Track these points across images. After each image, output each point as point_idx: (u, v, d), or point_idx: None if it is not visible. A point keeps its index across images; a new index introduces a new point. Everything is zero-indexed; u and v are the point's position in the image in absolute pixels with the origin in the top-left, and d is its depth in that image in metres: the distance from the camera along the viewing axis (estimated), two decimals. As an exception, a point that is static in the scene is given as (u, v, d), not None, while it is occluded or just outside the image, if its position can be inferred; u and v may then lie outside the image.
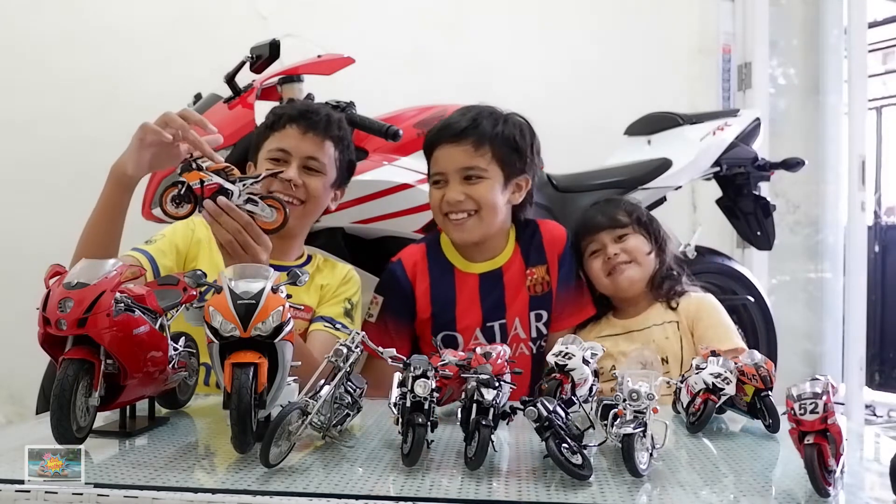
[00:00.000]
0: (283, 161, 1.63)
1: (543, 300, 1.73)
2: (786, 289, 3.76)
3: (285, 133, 1.64)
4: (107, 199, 1.41)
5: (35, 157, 2.69)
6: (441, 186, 1.67)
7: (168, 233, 1.64)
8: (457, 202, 1.64)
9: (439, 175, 1.67)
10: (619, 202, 1.91)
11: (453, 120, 1.67)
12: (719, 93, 3.58)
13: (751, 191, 2.54)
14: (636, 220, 1.83)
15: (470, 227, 1.67)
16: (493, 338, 1.70)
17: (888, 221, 4.81)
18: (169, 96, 2.45)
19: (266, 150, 1.65)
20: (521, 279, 1.73)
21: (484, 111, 1.68)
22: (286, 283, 1.04)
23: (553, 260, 1.76)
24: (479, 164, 1.64)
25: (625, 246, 1.79)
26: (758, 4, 3.55)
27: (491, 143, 1.64)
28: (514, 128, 1.68)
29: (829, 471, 0.86)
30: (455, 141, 1.64)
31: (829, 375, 0.91)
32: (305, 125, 1.64)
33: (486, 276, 1.73)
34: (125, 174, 1.38)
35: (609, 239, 1.80)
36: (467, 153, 1.63)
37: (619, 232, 1.81)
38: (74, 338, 0.95)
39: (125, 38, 2.75)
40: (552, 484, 0.91)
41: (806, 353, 3.77)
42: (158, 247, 1.59)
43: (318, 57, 2.03)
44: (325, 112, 1.68)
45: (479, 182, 1.64)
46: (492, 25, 3.21)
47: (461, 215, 1.65)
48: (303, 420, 0.95)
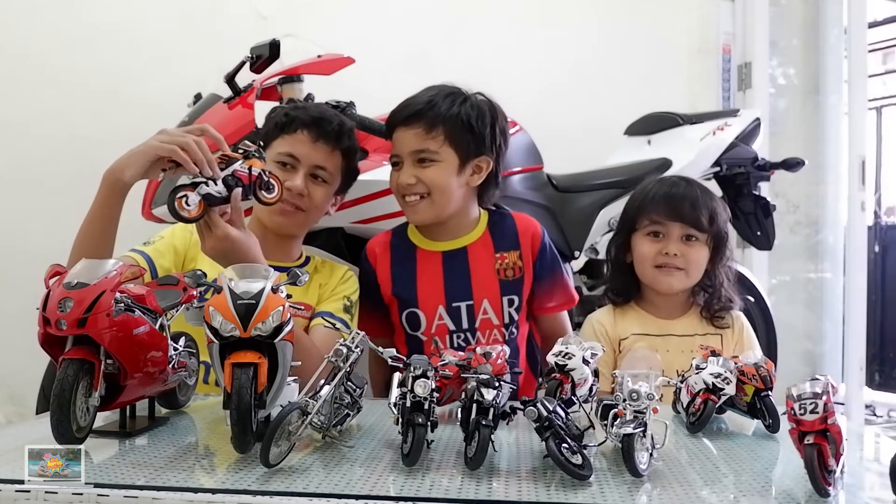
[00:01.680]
0: (291, 167, 1.62)
1: (515, 285, 1.71)
2: (786, 289, 3.76)
3: (296, 138, 1.63)
4: (100, 205, 1.38)
5: (35, 156, 2.69)
6: (398, 169, 1.68)
7: (167, 234, 1.64)
8: (408, 185, 1.64)
9: (396, 157, 1.68)
10: (709, 199, 1.71)
11: (410, 101, 1.66)
12: (719, 93, 3.58)
13: (751, 191, 2.54)
14: (715, 231, 1.69)
15: (422, 209, 1.66)
16: (460, 320, 1.68)
17: (888, 221, 4.81)
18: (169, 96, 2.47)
19: (275, 153, 1.63)
20: (490, 262, 1.71)
21: (442, 91, 1.66)
22: (286, 283, 1.04)
23: (527, 249, 1.72)
24: (429, 147, 1.62)
25: (688, 251, 1.67)
26: (758, 4, 3.55)
27: (444, 124, 1.62)
28: (471, 109, 1.65)
29: (829, 471, 0.86)
30: (408, 123, 1.64)
31: (829, 375, 0.91)
32: (317, 133, 1.63)
33: (449, 255, 1.72)
34: (120, 180, 1.35)
35: (678, 234, 1.67)
36: (419, 136, 1.62)
37: (692, 232, 1.68)
38: (74, 338, 0.95)
39: (125, 38, 2.75)
40: (552, 484, 0.91)
41: (806, 353, 3.77)
42: (156, 248, 1.59)
43: (318, 57, 2.03)
44: (339, 121, 1.67)
45: (431, 165, 1.63)
46: (492, 26, 3.21)
47: (414, 198, 1.65)
48: (303, 420, 0.95)
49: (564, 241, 2.27)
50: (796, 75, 3.83)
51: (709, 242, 1.68)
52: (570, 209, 2.31)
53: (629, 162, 2.44)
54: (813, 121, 3.82)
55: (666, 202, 1.68)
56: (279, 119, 1.66)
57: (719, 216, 1.70)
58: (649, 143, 2.54)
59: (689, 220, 1.66)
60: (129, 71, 2.74)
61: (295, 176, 1.61)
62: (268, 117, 1.72)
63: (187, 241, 1.62)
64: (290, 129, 1.63)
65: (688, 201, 1.67)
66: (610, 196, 2.34)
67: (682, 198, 1.68)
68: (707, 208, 1.68)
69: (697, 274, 1.69)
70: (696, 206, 1.67)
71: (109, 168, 1.37)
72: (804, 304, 3.82)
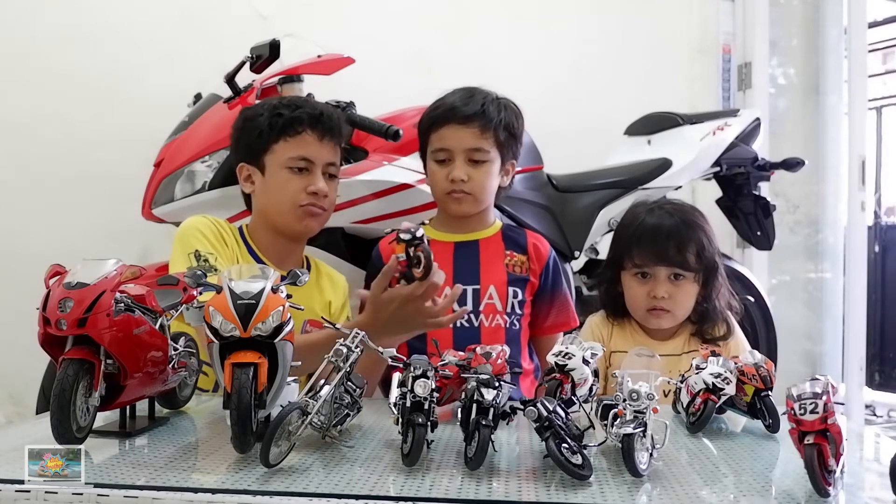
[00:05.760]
0: (306, 170, 1.61)
1: (521, 281, 1.75)
2: (786, 289, 3.76)
3: (303, 140, 1.60)
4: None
5: (35, 157, 2.69)
6: (446, 164, 1.71)
7: (215, 247, 1.57)
8: (461, 181, 1.69)
9: (444, 152, 1.71)
10: (696, 231, 1.65)
11: (461, 102, 1.71)
12: (719, 93, 3.58)
13: (751, 191, 2.54)
14: (704, 266, 1.64)
15: (467, 204, 1.72)
16: (465, 302, 1.70)
17: (888, 221, 4.80)
18: (169, 96, 2.47)
19: (285, 158, 1.60)
20: (500, 255, 1.77)
21: (488, 97, 1.73)
22: (286, 283, 1.04)
23: (535, 259, 1.78)
24: (483, 147, 1.70)
25: (676, 291, 1.63)
26: (758, 4, 3.55)
27: (495, 127, 1.70)
28: (511, 114, 1.74)
29: (829, 471, 0.86)
30: (465, 122, 1.69)
31: (828, 375, 0.91)
32: (322, 130, 1.62)
33: (461, 244, 1.77)
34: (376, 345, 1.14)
35: (665, 275, 1.63)
36: (475, 135, 1.69)
37: (679, 272, 1.63)
38: (74, 338, 0.95)
39: (125, 38, 2.76)
40: (552, 484, 0.91)
41: (806, 353, 3.77)
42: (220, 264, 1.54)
43: (318, 57, 2.03)
44: (336, 115, 1.67)
45: (482, 165, 1.70)
46: (492, 25, 3.21)
47: (461, 194, 1.70)
48: (303, 420, 0.95)
49: (564, 241, 2.27)
50: (796, 75, 3.83)
51: (697, 279, 1.65)
52: (570, 209, 2.31)
53: (629, 162, 2.43)
54: (813, 121, 3.81)
55: (652, 244, 1.64)
56: (272, 121, 1.61)
57: (707, 249, 1.65)
58: (649, 143, 2.54)
59: (676, 262, 1.63)
60: (129, 71, 2.74)
61: (314, 178, 1.60)
62: (247, 120, 1.66)
63: (218, 231, 1.61)
64: (292, 131, 1.60)
65: (673, 241, 1.63)
66: (610, 196, 2.34)
67: (667, 237, 1.63)
68: (694, 243, 1.64)
69: (685, 311, 1.67)
70: (681, 247, 1.63)
71: (366, 323, 1.38)
72: (804, 304, 3.82)
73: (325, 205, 1.64)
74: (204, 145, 1.96)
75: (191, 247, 1.54)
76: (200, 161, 1.95)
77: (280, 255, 1.65)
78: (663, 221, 1.66)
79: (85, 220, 2.65)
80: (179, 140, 2.05)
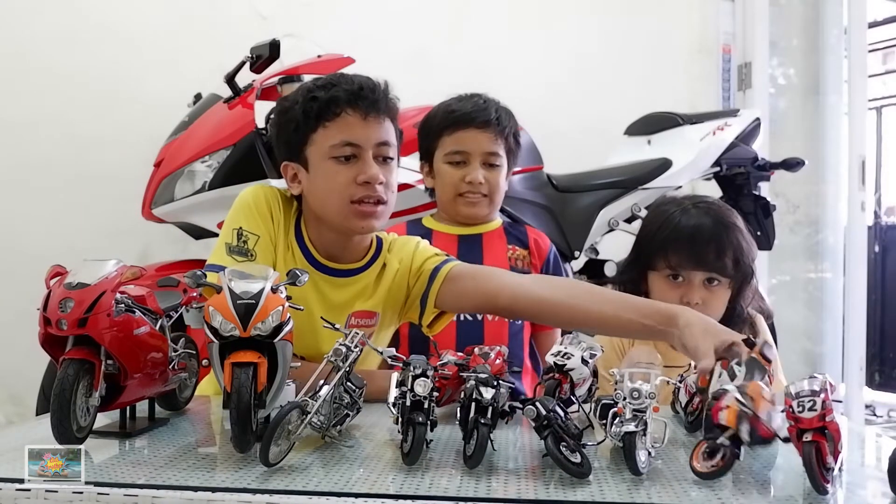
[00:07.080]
0: (354, 156, 1.37)
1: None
2: (786, 289, 3.76)
3: (344, 122, 1.37)
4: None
5: (35, 157, 2.69)
6: (460, 167, 1.75)
7: (257, 224, 1.39)
8: (479, 183, 1.74)
9: (461, 155, 1.75)
10: (735, 232, 1.55)
11: (478, 108, 1.77)
12: (719, 93, 3.58)
13: (751, 191, 2.54)
14: (741, 272, 1.55)
15: (482, 206, 1.79)
16: None
17: (888, 221, 4.81)
18: (169, 96, 2.47)
19: (327, 147, 1.37)
20: (502, 249, 1.81)
21: (498, 105, 1.80)
22: (286, 283, 1.04)
23: (535, 254, 1.83)
24: (498, 151, 1.77)
25: (710, 297, 1.53)
26: (758, 4, 3.55)
27: (506, 135, 1.78)
28: (515, 123, 1.82)
29: (828, 468, 0.86)
30: (482, 127, 1.75)
31: (826, 374, 0.91)
32: (365, 107, 1.37)
33: (464, 237, 1.81)
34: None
35: (700, 279, 1.53)
36: (491, 140, 1.76)
37: (715, 276, 1.54)
38: (75, 338, 0.95)
39: (126, 38, 2.76)
40: (551, 482, 0.91)
41: (806, 353, 3.77)
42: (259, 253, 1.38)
43: (318, 57, 2.04)
44: (377, 83, 1.41)
45: (496, 169, 1.77)
46: (492, 25, 3.21)
47: (476, 196, 1.76)
48: (302, 419, 0.95)
49: (564, 241, 2.27)
50: (796, 75, 3.83)
51: (731, 285, 1.56)
52: (570, 209, 2.31)
53: (629, 162, 2.44)
54: (813, 121, 3.82)
55: (689, 248, 1.53)
56: (307, 108, 1.38)
57: (745, 253, 1.55)
58: (649, 143, 2.54)
59: (714, 267, 1.53)
60: (130, 71, 2.74)
61: (364, 164, 1.37)
62: (281, 113, 1.45)
63: (268, 202, 1.42)
64: (330, 115, 1.37)
65: (713, 245, 1.52)
66: (610, 196, 2.35)
67: (707, 241, 1.52)
68: (732, 247, 1.53)
69: (717, 316, 1.53)
70: (721, 252, 1.52)
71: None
72: (804, 304, 3.82)
73: (382, 195, 1.38)
74: (204, 145, 1.96)
75: (237, 222, 1.39)
76: (200, 161, 1.95)
77: (347, 252, 1.45)
78: (702, 222, 1.55)
79: (85, 220, 2.65)
80: (179, 140, 2.05)
